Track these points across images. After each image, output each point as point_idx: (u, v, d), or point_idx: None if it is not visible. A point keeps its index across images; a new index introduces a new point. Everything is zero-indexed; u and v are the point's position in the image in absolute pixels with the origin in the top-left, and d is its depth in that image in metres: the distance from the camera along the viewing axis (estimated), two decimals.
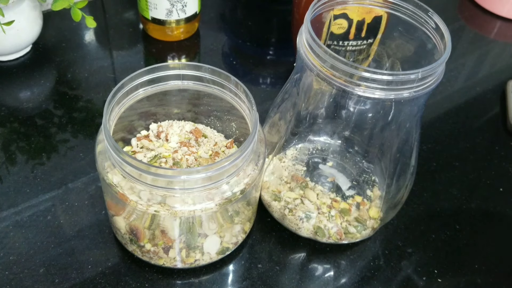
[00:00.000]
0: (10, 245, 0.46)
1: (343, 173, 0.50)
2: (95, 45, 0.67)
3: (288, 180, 0.49)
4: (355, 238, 0.47)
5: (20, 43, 0.61)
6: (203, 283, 0.45)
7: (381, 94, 0.37)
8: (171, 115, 0.50)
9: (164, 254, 0.43)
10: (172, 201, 0.38)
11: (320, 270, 0.47)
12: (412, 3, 0.42)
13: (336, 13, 0.47)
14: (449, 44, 0.39)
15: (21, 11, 0.58)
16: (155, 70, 0.43)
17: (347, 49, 0.52)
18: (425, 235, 0.50)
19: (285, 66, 0.68)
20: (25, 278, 0.44)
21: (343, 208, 0.47)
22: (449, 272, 0.48)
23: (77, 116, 0.57)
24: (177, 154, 0.45)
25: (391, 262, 0.48)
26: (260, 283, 0.45)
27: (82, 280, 0.44)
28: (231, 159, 0.37)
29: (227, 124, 0.49)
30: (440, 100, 0.65)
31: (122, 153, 0.36)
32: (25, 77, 0.61)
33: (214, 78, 0.44)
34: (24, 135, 0.55)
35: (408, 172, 0.46)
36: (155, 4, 0.63)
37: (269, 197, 0.48)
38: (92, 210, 0.49)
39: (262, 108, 0.55)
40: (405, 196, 0.47)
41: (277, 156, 0.50)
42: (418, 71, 0.36)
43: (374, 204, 0.48)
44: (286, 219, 0.47)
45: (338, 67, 0.37)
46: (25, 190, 0.50)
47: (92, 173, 0.52)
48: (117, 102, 0.41)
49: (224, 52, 0.68)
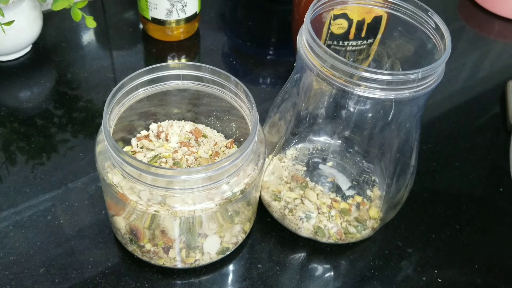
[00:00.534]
0: (10, 245, 0.46)
1: (343, 173, 0.50)
2: (95, 45, 0.67)
3: (288, 180, 0.49)
4: (355, 238, 0.47)
5: (20, 43, 0.61)
6: (203, 283, 0.45)
7: (381, 94, 0.37)
8: (171, 115, 0.50)
9: (164, 254, 0.43)
10: (172, 201, 0.38)
11: (320, 270, 0.47)
12: (412, 3, 0.42)
13: (336, 13, 0.47)
14: (449, 44, 0.39)
15: (21, 11, 0.58)
16: (155, 70, 0.43)
17: (347, 49, 0.52)
18: (425, 235, 0.50)
19: (285, 66, 0.68)
20: (25, 278, 0.44)
21: (343, 208, 0.47)
22: (449, 272, 0.48)
23: (77, 116, 0.57)
24: (177, 154, 0.45)
25: (391, 262, 0.48)
26: (260, 283, 0.45)
27: (82, 280, 0.44)
28: (231, 159, 0.37)
29: (227, 124, 0.49)
30: (440, 100, 0.65)
31: (122, 153, 0.36)
32: (25, 77, 0.61)
33: (214, 78, 0.44)
34: (24, 135, 0.55)
35: (408, 172, 0.46)
36: (155, 4, 0.63)
37: (269, 197, 0.48)
38: (92, 210, 0.49)
39: (262, 108, 0.55)
40: (405, 196, 0.47)
41: (277, 156, 0.50)
42: (418, 71, 0.36)
43: (374, 204, 0.48)
44: (286, 219, 0.47)
45: (338, 67, 0.37)
46: (25, 190, 0.50)
47: (92, 173, 0.52)
48: (117, 102, 0.41)
49: (224, 52, 0.68)
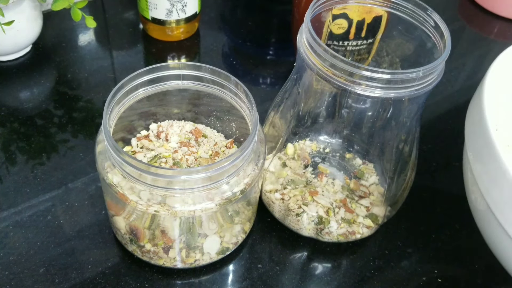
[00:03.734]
0: (10, 245, 0.46)
1: (343, 171, 0.50)
2: (95, 45, 0.67)
3: (288, 179, 0.49)
4: (356, 237, 0.47)
5: (20, 43, 0.61)
6: (203, 283, 0.45)
7: (381, 93, 0.37)
8: (171, 115, 0.50)
9: (164, 254, 0.43)
10: (172, 201, 0.38)
11: (320, 270, 0.47)
12: (412, 2, 0.42)
13: (336, 13, 0.47)
14: (448, 43, 0.39)
15: (21, 11, 0.58)
16: (155, 70, 0.43)
17: (347, 49, 0.52)
18: (425, 235, 0.50)
19: (285, 66, 0.68)
20: (25, 278, 0.44)
21: (344, 206, 0.47)
22: (449, 272, 0.48)
23: (77, 116, 0.57)
24: (177, 154, 0.45)
25: (391, 262, 0.48)
26: (260, 283, 0.45)
27: (82, 280, 0.44)
28: (231, 159, 0.37)
29: (227, 124, 0.49)
30: (440, 100, 0.65)
31: (122, 153, 0.36)
32: (25, 77, 0.61)
33: (214, 78, 0.44)
34: (24, 135, 0.55)
35: (408, 171, 0.46)
36: (155, 4, 0.63)
37: (269, 197, 0.48)
38: (92, 210, 0.49)
39: (262, 108, 0.55)
40: (405, 195, 0.47)
41: (277, 155, 0.50)
42: (418, 70, 0.36)
43: (374, 203, 0.48)
44: (287, 219, 0.47)
45: (338, 66, 0.37)
46: (25, 190, 0.50)
47: (92, 173, 0.52)
48: (117, 102, 0.41)
49: (224, 52, 0.68)
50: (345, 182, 0.49)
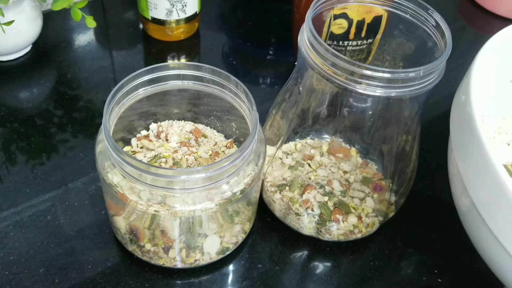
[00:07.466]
0: (10, 245, 0.46)
1: None
2: (95, 45, 0.67)
3: (289, 178, 0.49)
4: (356, 237, 0.47)
5: (20, 43, 0.61)
6: (203, 283, 0.45)
7: (382, 92, 0.37)
8: (171, 115, 0.50)
9: (164, 254, 0.43)
10: (172, 201, 0.38)
11: (320, 270, 0.47)
12: (413, 1, 0.42)
13: (336, 13, 0.47)
14: (449, 42, 0.39)
15: (21, 11, 0.58)
16: (155, 70, 0.43)
17: (347, 49, 0.52)
18: (425, 235, 0.50)
19: (285, 66, 0.68)
20: (25, 278, 0.44)
21: (345, 205, 0.47)
22: (449, 272, 0.48)
23: (77, 116, 0.57)
24: (177, 154, 0.45)
25: (391, 262, 0.48)
26: (260, 283, 0.45)
27: (82, 280, 0.44)
28: (231, 159, 0.37)
29: (227, 124, 0.49)
30: (440, 100, 0.65)
31: (122, 153, 0.36)
32: (25, 77, 0.61)
33: (214, 78, 0.44)
34: (24, 135, 0.55)
35: (409, 170, 0.46)
36: (155, 4, 0.63)
37: (270, 196, 0.48)
38: (92, 210, 0.49)
39: (262, 108, 0.55)
40: (406, 194, 0.47)
41: (278, 154, 0.50)
42: (419, 69, 0.36)
43: (375, 202, 0.48)
44: (287, 218, 0.47)
45: (339, 65, 0.37)
46: (25, 190, 0.50)
47: (92, 173, 0.52)
48: (117, 102, 0.41)
49: (224, 52, 0.68)
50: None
